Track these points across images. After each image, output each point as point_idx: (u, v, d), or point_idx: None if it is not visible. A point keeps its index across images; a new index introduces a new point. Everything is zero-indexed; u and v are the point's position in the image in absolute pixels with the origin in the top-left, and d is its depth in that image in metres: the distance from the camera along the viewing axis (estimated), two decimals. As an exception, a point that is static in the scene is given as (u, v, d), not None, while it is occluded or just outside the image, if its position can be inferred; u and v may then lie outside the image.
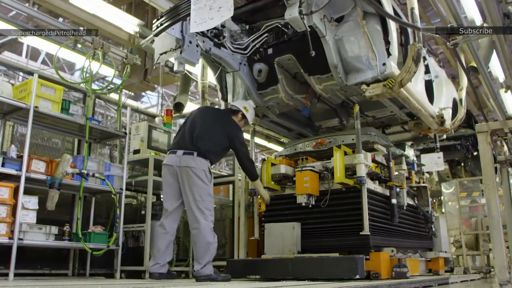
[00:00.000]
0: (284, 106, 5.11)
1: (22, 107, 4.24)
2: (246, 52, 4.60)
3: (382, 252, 4.13)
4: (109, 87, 5.86)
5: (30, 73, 5.24)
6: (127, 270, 5.19)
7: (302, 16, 3.81)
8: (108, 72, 7.72)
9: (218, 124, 4.34)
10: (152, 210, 5.24)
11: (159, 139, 5.76)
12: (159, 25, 3.85)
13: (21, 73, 5.52)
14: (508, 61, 3.43)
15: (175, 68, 4.07)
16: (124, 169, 5.02)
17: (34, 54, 11.50)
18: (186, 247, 6.00)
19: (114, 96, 6.82)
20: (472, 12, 4.18)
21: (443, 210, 9.73)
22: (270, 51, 4.72)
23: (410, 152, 5.89)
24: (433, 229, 5.75)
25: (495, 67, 5.20)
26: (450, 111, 5.92)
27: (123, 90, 6.30)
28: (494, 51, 3.98)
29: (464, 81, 6.20)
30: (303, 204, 4.43)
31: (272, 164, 4.88)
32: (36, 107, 4.27)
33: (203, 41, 4.20)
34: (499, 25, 2.71)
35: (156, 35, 3.94)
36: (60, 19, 7.95)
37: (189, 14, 3.53)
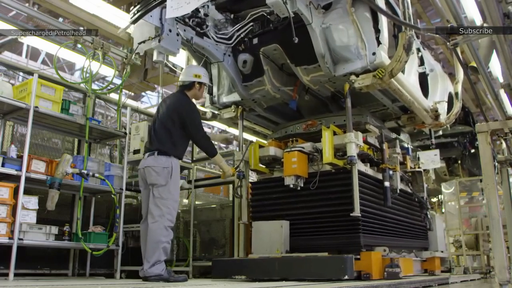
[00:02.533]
0: (271, 99, 4.95)
1: (22, 107, 4.23)
2: (230, 42, 4.45)
3: (373, 251, 4.03)
4: (109, 87, 5.86)
5: (30, 73, 5.24)
6: (127, 270, 5.20)
7: (285, 0, 3.65)
8: (108, 72, 7.73)
9: (168, 113, 4.06)
10: (152, 210, 5.23)
11: (159, 139, 5.75)
12: (135, 12, 3.67)
13: (21, 73, 5.52)
14: (508, 61, 3.42)
15: (154, 58, 3.91)
16: (124, 169, 5.02)
17: (34, 54, 11.51)
18: (186, 247, 6.00)
19: (114, 96, 6.82)
20: (472, 12, 4.17)
21: (443, 210, 9.72)
22: (255, 41, 4.56)
23: (405, 137, 5.76)
24: (428, 216, 5.64)
25: (495, 67, 5.20)
26: (445, 105, 5.77)
27: (123, 90, 6.30)
28: (494, 51, 3.98)
29: (460, 74, 6.01)
30: (291, 186, 4.32)
31: (260, 146, 4.74)
32: (36, 107, 4.27)
33: (184, 30, 4.04)
34: (499, 25, 2.70)
35: (134, 23, 3.76)
36: (60, 19, 7.94)
37: (165, 0, 3.43)
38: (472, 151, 8.96)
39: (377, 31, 4.10)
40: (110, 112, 11.37)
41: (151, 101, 14.11)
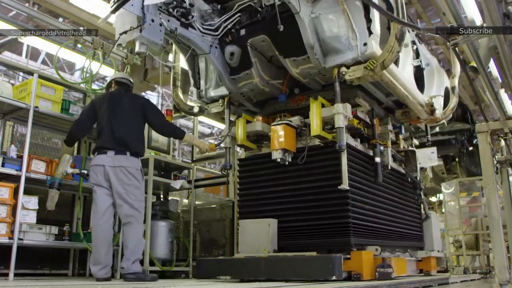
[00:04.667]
0: (260, 92, 4.74)
1: (22, 107, 4.24)
2: (217, 33, 4.28)
3: (364, 251, 3.89)
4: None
5: (30, 73, 5.24)
6: (127, 270, 5.19)
7: None
8: (108, 72, 7.72)
9: (133, 110, 4.08)
10: (152, 210, 5.24)
11: (159, 139, 5.76)
12: (115, 0, 3.51)
13: (21, 73, 5.53)
14: (508, 61, 3.42)
15: (136, 49, 3.75)
16: (124, 169, 5.00)
17: (34, 54, 11.50)
18: (186, 247, 6.00)
19: (114, 96, 6.79)
20: (472, 12, 4.16)
21: (443, 210, 9.73)
22: (242, 32, 4.38)
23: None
24: (422, 197, 5.51)
25: (495, 67, 5.19)
26: (442, 99, 5.57)
27: (123, 90, 6.29)
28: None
29: (457, 68, 5.84)
30: (279, 160, 4.17)
31: (248, 122, 4.60)
32: (36, 107, 4.27)
33: (168, 21, 3.86)
34: (499, 25, 2.70)
35: (113, 12, 3.60)
36: (60, 19, 7.95)
37: None
38: (470, 148, 8.88)
39: (369, 20, 3.91)
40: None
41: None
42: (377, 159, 4.40)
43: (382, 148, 4.51)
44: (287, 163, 4.25)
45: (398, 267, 4.27)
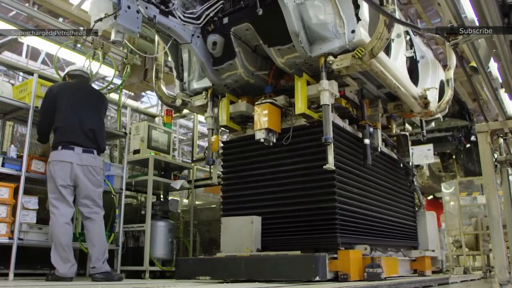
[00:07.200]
0: (245, 84, 4.50)
1: (22, 107, 4.24)
2: (199, 22, 4.12)
3: (352, 250, 3.74)
4: (109, 87, 5.86)
5: (30, 73, 5.24)
6: (127, 270, 5.19)
7: None
8: (108, 72, 7.72)
9: (97, 106, 4.23)
10: (152, 210, 5.25)
11: (159, 139, 5.77)
12: None
13: (21, 73, 5.53)
14: (508, 61, 3.42)
15: (112, 38, 3.57)
16: (124, 169, 5.02)
17: (34, 54, 11.50)
18: (186, 247, 6.00)
19: (114, 96, 6.81)
20: (472, 12, 4.15)
21: (444, 210, 9.71)
22: (225, 20, 4.14)
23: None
24: (414, 183, 5.35)
25: (495, 67, 5.16)
26: (436, 92, 5.38)
27: (123, 90, 6.30)
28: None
29: (452, 60, 5.65)
30: (262, 141, 4.01)
31: (232, 102, 4.47)
32: (36, 107, 4.27)
33: (146, 8, 3.65)
34: (499, 25, 2.70)
35: None
36: (60, 19, 7.94)
37: None
38: (468, 146, 8.79)
39: (357, 6, 3.72)
40: (110, 112, 11.35)
41: (151, 101, 14.10)
42: (366, 141, 4.29)
43: (371, 129, 4.39)
44: (271, 144, 4.11)
45: (389, 267, 4.11)
